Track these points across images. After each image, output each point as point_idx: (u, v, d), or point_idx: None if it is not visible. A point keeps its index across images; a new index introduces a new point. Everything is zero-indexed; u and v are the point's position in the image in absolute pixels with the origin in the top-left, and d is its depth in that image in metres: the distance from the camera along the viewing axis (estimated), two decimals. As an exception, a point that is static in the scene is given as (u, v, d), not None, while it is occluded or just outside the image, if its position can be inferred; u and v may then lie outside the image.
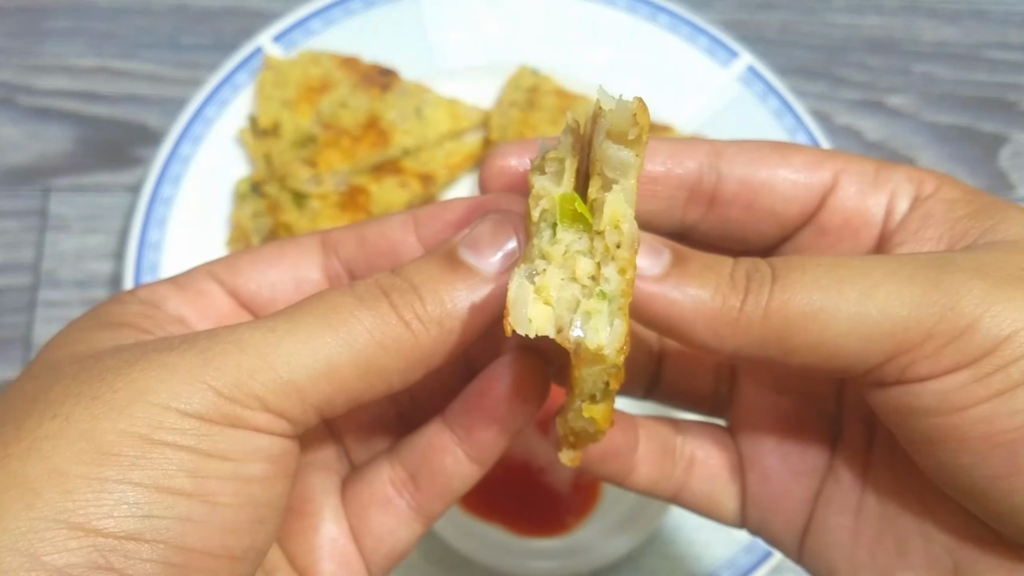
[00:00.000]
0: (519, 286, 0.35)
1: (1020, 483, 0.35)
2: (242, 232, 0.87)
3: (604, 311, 0.35)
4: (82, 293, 0.89)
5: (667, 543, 0.80)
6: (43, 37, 1.01)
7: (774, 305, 0.36)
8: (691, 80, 0.99)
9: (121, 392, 0.34)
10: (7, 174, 0.94)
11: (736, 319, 0.37)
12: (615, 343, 0.35)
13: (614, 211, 0.35)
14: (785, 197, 0.42)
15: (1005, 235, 0.39)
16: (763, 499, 0.46)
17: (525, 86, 0.95)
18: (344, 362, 0.36)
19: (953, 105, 1.08)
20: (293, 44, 0.96)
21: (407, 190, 0.89)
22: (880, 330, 0.35)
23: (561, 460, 0.41)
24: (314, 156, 0.88)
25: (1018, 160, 1.05)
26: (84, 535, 0.31)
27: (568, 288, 0.35)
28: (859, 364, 0.36)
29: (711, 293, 0.37)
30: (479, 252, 0.38)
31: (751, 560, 0.79)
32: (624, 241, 0.35)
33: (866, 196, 0.42)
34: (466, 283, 0.38)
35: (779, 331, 0.36)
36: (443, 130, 0.93)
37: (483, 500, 0.78)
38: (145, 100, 0.99)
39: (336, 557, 0.43)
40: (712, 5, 1.09)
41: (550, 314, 0.35)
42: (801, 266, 0.37)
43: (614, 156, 0.36)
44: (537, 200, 0.37)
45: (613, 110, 0.35)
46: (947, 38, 1.11)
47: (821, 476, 0.45)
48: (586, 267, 0.35)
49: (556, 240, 0.36)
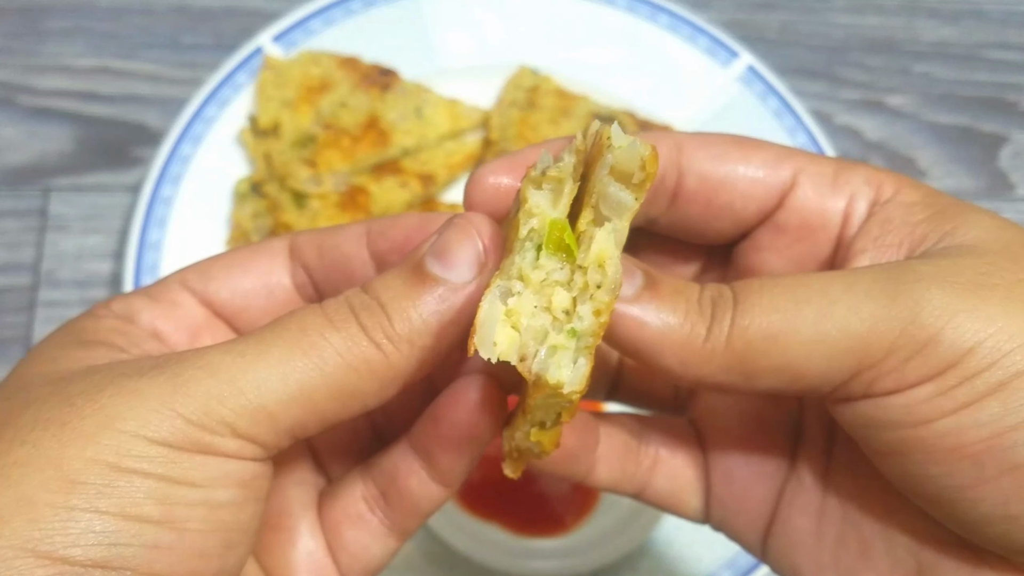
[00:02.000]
0: (491, 306, 0.34)
1: (986, 493, 0.35)
2: (242, 232, 0.87)
3: (571, 348, 0.34)
4: (82, 293, 0.89)
5: (667, 543, 0.80)
6: (43, 37, 1.01)
7: (735, 331, 0.36)
8: (691, 80, 0.99)
9: (89, 419, 0.34)
10: (7, 174, 0.94)
11: (701, 347, 0.36)
12: (576, 383, 0.34)
13: (602, 251, 0.34)
14: (744, 195, 0.42)
15: (963, 239, 0.38)
16: (726, 498, 0.46)
17: (525, 86, 0.95)
18: (316, 385, 0.36)
19: (953, 105, 1.08)
20: (293, 44, 0.96)
21: (407, 190, 0.89)
22: (840, 348, 0.35)
23: (504, 471, 0.41)
24: (314, 156, 0.88)
25: (1018, 160, 1.05)
26: (51, 563, 0.31)
27: (539, 317, 0.35)
28: (823, 384, 0.36)
29: (680, 319, 0.37)
30: (446, 261, 0.38)
31: (751, 560, 0.79)
32: (605, 283, 0.34)
33: (824, 198, 0.41)
34: (434, 295, 0.37)
35: (741, 357, 0.36)
36: (443, 130, 0.93)
37: (483, 500, 0.78)
38: (145, 100, 0.99)
39: (313, 571, 0.42)
40: (712, 5, 1.09)
41: (516, 340, 0.34)
42: (759, 289, 0.37)
43: (614, 195, 0.35)
44: (529, 216, 0.36)
45: (623, 149, 0.34)
46: (947, 38, 1.11)
47: (783, 476, 0.45)
48: (562, 300, 0.35)
49: (538, 265, 0.35)
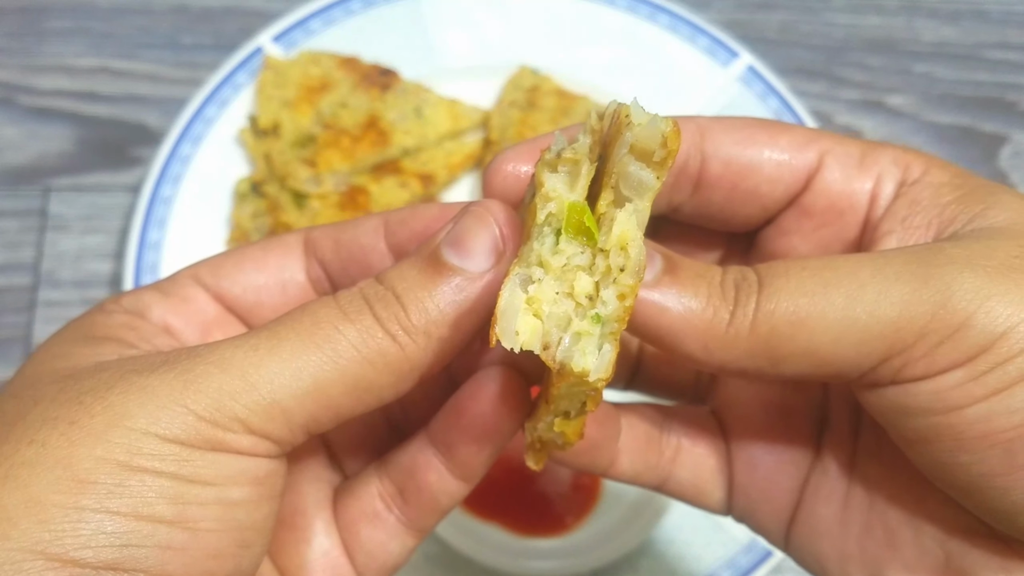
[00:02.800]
0: (511, 294, 0.33)
1: (1017, 481, 0.35)
2: (242, 232, 0.87)
3: (595, 335, 0.33)
4: (82, 293, 0.89)
5: (667, 543, 0.80)
6: (43, 37, 1.01)
7: (760, 315, 0.35)
8: (691, 80, 0.99)
9: (99, 417, 0.33)
10: (7, 174, 0.94)
11: (724, 332, 0.36)
12: (602, 370, 0.33)
13: (624, 232, 0.33)
14: (770, 178, 0.41)
15: (995, 220, 0.37)
16: (749, 488, 0.45)
17: (525, 86, 0.95)
18: (331, 380, 0.35)
19: (953, 105, 1.07)
20: (293, 44, 0.96)
21: (407, 190, 0.89)
22: (870, 333, 0.34)
23: (527, 463, 0.40)
24: (314, 156, 0.88)
25: (1018, 160, 1.05)
26: (61, 566, 0.31)
27: (562, 304, 0.34)
28: (851, 369, 0.36)
29: (702, 303, 0.36)
30: (462, 250, 0.37)
31: (751, 560, 0.79)
32: (629, 266, 0.33)
33: (851, 179, 0.41)
34: (451, 285, 0.36)
35: (767, 342, 0.35)
36: (443, 130, 0.93)
37: (483, 500, 0.78)
38: (145, 100, 0.99)
39: (329, 571, 0.42)
40: (712, 5, 1.09)
41: (539, 328, 0.33)
42: (786, 272, 0.36)
43: (634, 174, 0.33)
44: (546, 201, 0.35)
45: (643, 126, 0.33)
46: (947, 38, 1.11)
47: (808, 465, 0.44)
48: (585, 285, 0.34)
49: (558, 250, 0.34)
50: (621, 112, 0.34)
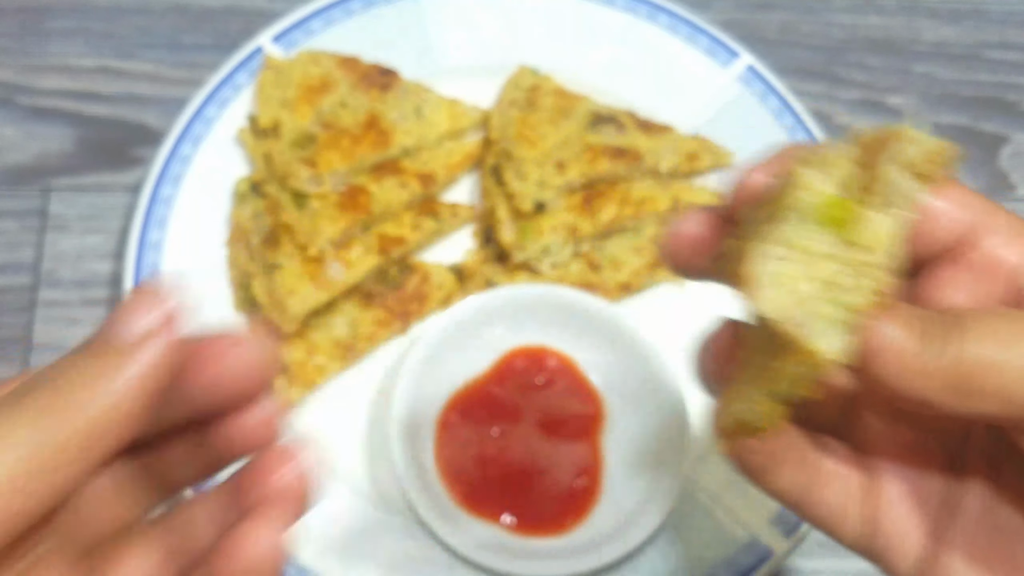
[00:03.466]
0: (761, 260, 0.34)
1: None
2: (242, 232, 0.87)
3: (841, 320, 0.35)
4: (82, 293, 0.89)
5: (667, 543, 0.80)
6: (43, 37, 1.01)
7: (964, 355, 0.37)
8: (691, 80, 0.99)
9: None
10: (7, 174, 0.94)
11: (925, 363, 0.37)
12: (839, 355, 0.34)
13: (888, 232, 0.35)
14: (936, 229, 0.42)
15: None
16: (886, 526, 0.46)
17: (525, 86, 0.95)
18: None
19: (953, 105, 1.07)
20: (293, 44, 0.95)
21: (407, 190, 0.89)
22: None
23: (719, 450, 0.43)
24: (314, 156, 0.88)
25: (1018, 160, 1.05)
26: None
27: (808, 284, 0.35)
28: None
29: (910, 335, 0.37)
30: (121, 327, 0.35)
31: (751, 560, 0.79)
32: (885, 263, 0.35)
33: (1010, 245, 0.42)
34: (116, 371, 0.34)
35: (962, 378, 0.37)
36: (443, 130, 0.93)
37: (483, 500, 0.78)
38: (145, 100, 0.99)
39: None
40: (712, 5, 1.09)
41: (785, 299, 0.34)
42: (985, 317, 0.38)
43: (901, 185, 0.35)
44: (798, 188, 0.36)
45: (919, 143, 0.35)
46: (947, 38, 1.11)
47: (949, 509, 0.45)
48: (833, 273, 0.35)
49: (807, 235, 0.35)
50: (891, 130, 0.36)
